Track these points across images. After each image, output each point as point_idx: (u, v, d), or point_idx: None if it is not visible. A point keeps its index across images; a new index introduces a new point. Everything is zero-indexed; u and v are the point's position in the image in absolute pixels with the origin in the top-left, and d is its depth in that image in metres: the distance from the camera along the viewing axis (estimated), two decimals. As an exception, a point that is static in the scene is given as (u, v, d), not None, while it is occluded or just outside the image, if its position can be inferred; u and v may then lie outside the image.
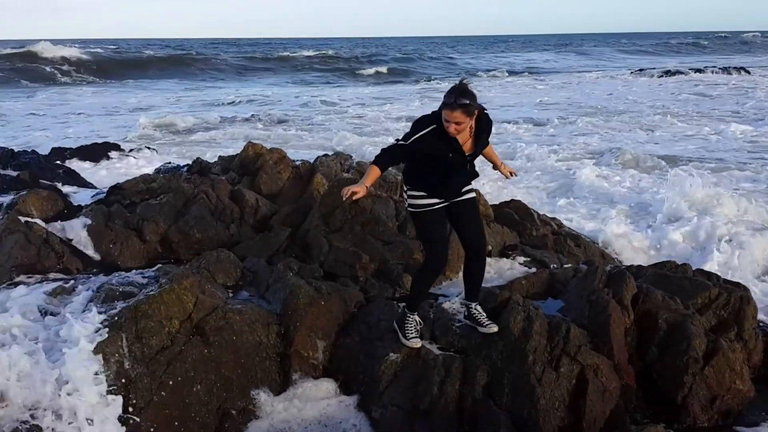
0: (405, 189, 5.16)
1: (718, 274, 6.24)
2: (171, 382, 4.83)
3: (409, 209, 5.14)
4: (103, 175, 12.35)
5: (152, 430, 4.63)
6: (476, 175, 5.13)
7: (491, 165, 5.57)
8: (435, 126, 4.77)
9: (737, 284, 5.85)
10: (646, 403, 5.03)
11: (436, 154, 4.84)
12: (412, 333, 5.27)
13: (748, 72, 42.72)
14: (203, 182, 8.66)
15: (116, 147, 13.86)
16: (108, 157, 13.51)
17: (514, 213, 7.98)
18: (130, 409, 4.63)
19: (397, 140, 4.91)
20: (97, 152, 13.55)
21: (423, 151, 4.82)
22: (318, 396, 5.15)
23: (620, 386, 4.98)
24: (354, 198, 4.79)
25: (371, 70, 51.19)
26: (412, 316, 5.31)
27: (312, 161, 9.61)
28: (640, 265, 6.43)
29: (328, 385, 5.24)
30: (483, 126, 4.92)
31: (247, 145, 9.69)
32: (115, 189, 9.11)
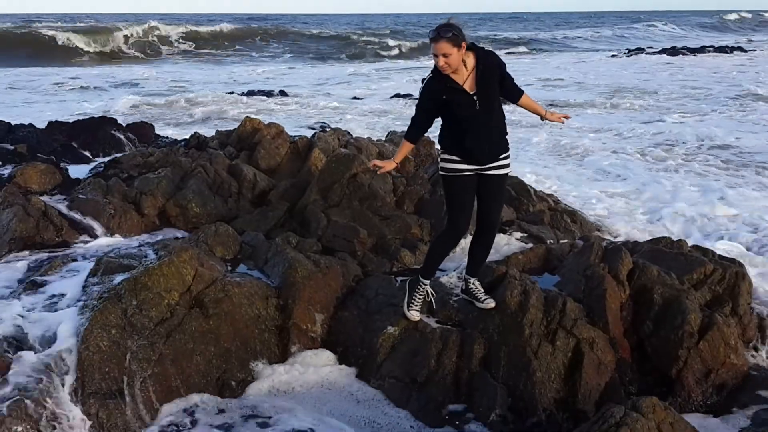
0: (439, 152, 5.18)
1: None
2: (171, 354, 4.87)
3: (441, 173, 5.12)
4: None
5: (152, 401, 4.68)
6: (504, 146, 5.03)
7: (539, 117, 5.31)
8: (432, 74, 4.84)
9: (733, 260, 5.90)
10: (641, 376, 5.09)
11: (442, 100, 4.83)
12: (415, 305, 5.30)
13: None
14: (201, 156, 8.66)
15: (113, 121, 13.77)
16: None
17: (511, 189, 8.00)
18: (130, 380, 4.68)
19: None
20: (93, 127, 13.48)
21: (433, 101, 4.86)
22: (319, 363, 5.20)
23: (615, 359, 5.04)
24: (379, 172, 4.88)
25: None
26: (424, 286, 5.30)
27: (310, 137, 9.61)
28: (636, 241, 6.47)
29: (328, 355, 5.30)
30: (486, 64, 4.84)
31: (245, 120, 9.68)
32: (113, 162, 9.11)
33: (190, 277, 5.22)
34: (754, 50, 43.21)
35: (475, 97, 4.81)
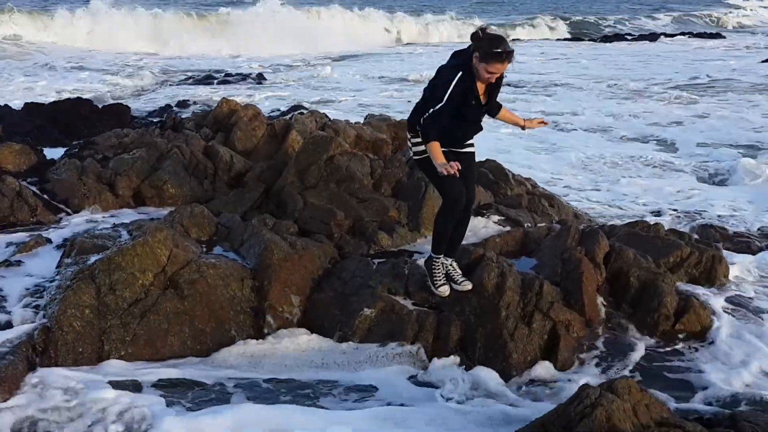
0: (409, 137, 5.08)
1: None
2: (145, 335, 4.81)
3: (414, 158, 5.05)
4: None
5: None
6: (481, 128, 5.10)
7: (519, 128, 5.33)
8: (461, 74, 4.68)
9: (709, 244, 5.94)
10: (616, 358, 5.12)
11: (463, 103, 4.75)
12: (439, 280, 5.26)
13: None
14: (177, 138, 8.55)
15: (88, 103, 13.56)
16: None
17: (489, 173, 7.99)
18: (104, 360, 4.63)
19: (433, 109, 4.70)
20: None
21: (456, 101, 4.70)
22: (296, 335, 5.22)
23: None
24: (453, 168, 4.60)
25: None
26: (438, 260, 5.26)
27: (287, 118, 9.53)
28: (613, 224, 6.51)
29: (304, 332, 5.27)
30: (498, 78, 4.82)
31: (222, 102, 9.57)
32: (88, 143, 8.98)
33: (164, 258, 5.16)
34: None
35: (484, 108, 4.90)
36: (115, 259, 4.98)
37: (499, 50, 4.55)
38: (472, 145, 5.17)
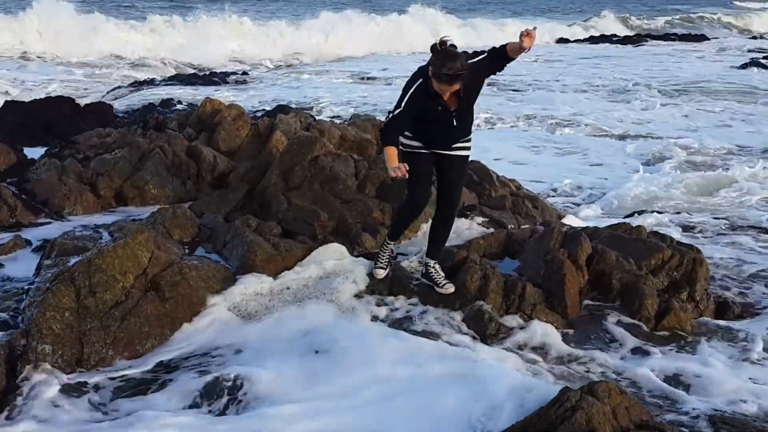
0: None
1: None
2: (125, 337, 4.77)
3: (400, 147, 5.12)
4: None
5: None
6: (466, 133, 5.09)
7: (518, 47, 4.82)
8: (420, 81, 4.75)
9: (690, 246, 5.97)
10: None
11: (424, 110, 4.81)
12: (380, 263, 5.50)
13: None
14: (159, 138, 8.50)
15: (70, 101, 13.44)
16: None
17: (473, 174, 7.99)
18: (83, 364, 4.59)
19: (391, 112, 4.84)
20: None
21: (414, 107, 4.78)
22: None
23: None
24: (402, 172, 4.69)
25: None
26: (388, 245, 5.48)
27: (271, 118, 9.49)
28: (595, 227, 6.52)
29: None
30: (469, 82, 4.79)
31: (205, 101, 9.51)
32: (70, 143, 8.91)
33: (145, 260, 5.11)
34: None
35: (454, 114, 4.88)
36: (96, 261, 4.93)
37: (448, 72, 4.55)
38: (463, 148, 5.13)
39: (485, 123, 15.40)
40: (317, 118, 10.48)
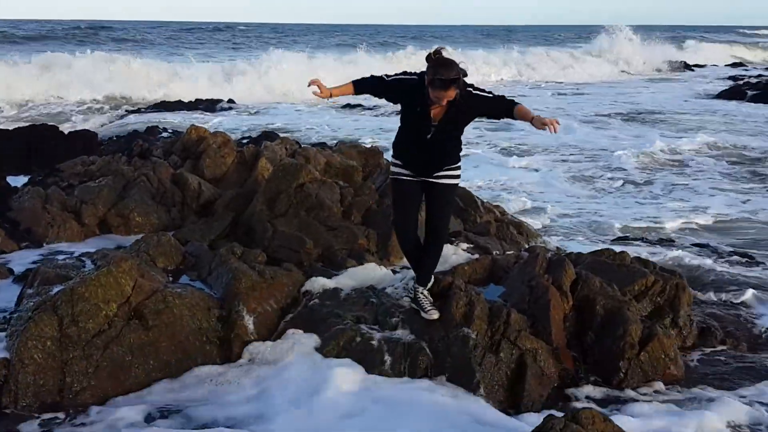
0: (392, 154, 5.27)
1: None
2: (108, 367, 4.73)
3: (390, 175, 5.25)
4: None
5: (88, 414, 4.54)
6: (452, 159, 5.09)
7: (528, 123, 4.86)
8: (416, 80, 4.85)
9: (673, 272, 6.01)
10: (582, 387, 5.13)
11: (407, 105, 4.92)
12: (424, 307, 5.36)
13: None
14: (144, 165, 8.49)
15: (54, 129, 13.39)
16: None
17: (459, 200, 8.02)
18: (65, 393, 4.54)
19: (385, 74, 5.05)
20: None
21: (398, 93, 4.93)
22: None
23: (558, 370, 5.08)
24: (313, 93, 4.91)
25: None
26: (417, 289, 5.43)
27: (257, 146, 9.51)
28: (579, 253, 6.55)
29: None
30: (462, 108, 4.83)
31: (190, 129, 9.52)
32: (53, 171, 8.88)
33: (129, 288, 5.08)
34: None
35: (432, 126, 4.90)
36: (78, 290, 4.89)
37: (442, 77, 4.60)
38: (449, 176, 5.12)
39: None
40: (303, 144, 10.49)
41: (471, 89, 4.87)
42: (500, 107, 4.94)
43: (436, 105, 4.79)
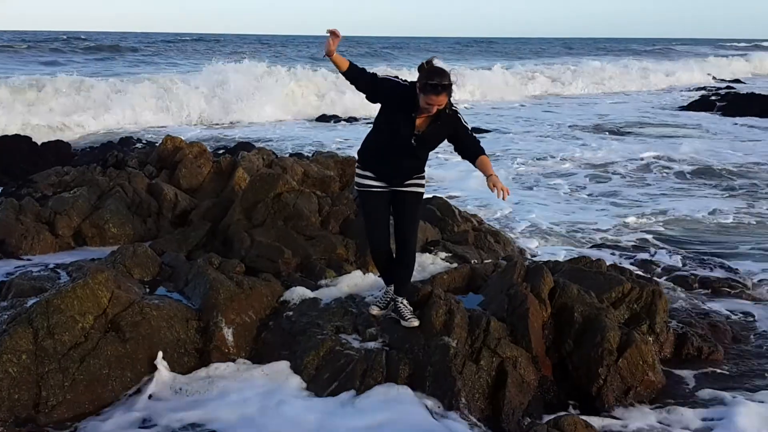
0: (357, 167, 5.27)
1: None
2: (85, 380, 4.67)
3: (356, 187, 5.25)
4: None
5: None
6: (419, 169, 5.18)
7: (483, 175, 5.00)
8: (406, 86, 4.85)
9: (649, 279, 6.07)
10: (562, 394, 5.15)
11: (393, 110, 4.90)
12: (378, 303, 5.55)
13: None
14: (119, 176, 8.41)
15: (27, 140, 13.26)
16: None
17: (436, 209, 8.06)
18: (41, 408, 4.46)
19: (377, 73, 5.01)
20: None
21: (385, 94, 4.90)
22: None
23: (538, 378, 5.10)
24: (327, 31, 4.83)
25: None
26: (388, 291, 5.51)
27: (233, 156, 9.47)
28: (557, 261, 6.60)
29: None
30: (445, 122, 4.91)
31: (166, 139, 9.47)
32: (27, 182, 8.77)
33: (105, 300, 5.03)
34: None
35: (415, 136, 4.93)
36: (54, 302, 4.83)
37: (434, 82, 4.64)
38: (416, 185, 5.22)
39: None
40: (279, 155, 10.47)
41: (457, 111, 4.98)
42: (470, 144, 5.04)
43: (422, 114, 4.82)
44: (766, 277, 7.77)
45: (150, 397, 4.73)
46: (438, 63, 4.83)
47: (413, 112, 4.84)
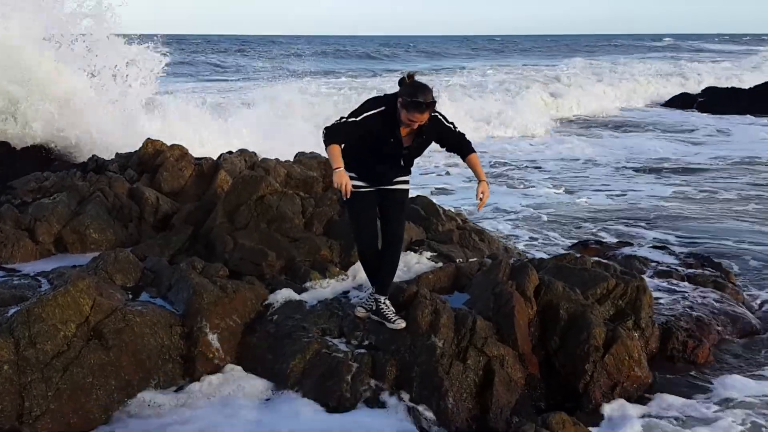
0: None
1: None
2: (68, 389, 4.61)
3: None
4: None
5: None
6: (408, 172, 5.20)
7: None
8: (384, 108, 4.79)
9: (633, 275, 6.08)
10: (549, 391, 5.16)
11: (378, 137, 4.85)
12: (364, 305, 5.51)
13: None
14: (99, 180, 8.31)
15: (6, 145, 13.05)
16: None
17: (420, 209, 8.02)
18: (25, 418, 4.40)
19: (343, 117, 4.86)
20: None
21: (368, 130, 4.82)
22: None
23: (525, 376, 5.10)
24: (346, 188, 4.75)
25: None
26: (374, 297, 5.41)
27: (215, 158, 9.39)
28: (541, 258, 6.60)
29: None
30: (428, 130, 4.92)
31: (146, 142, 9.35)
32: (6, 188, 8.65)
33: (87, 307, 4.97)
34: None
35: (404, 152, 4.97)
36: (35, 311, 4.76)
37: (419, 100, 4.65)
38: (403, 182, 5.24)
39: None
40: (262, 156, 10.38)
41: (437, 114, 4.97)
42: (457, 143, 5.08)
43: (405, 128, 4.81)
44: (750, 272, 7.82)
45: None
46: (419, 78, 4.83)
47: (397, 132, 4.85)
